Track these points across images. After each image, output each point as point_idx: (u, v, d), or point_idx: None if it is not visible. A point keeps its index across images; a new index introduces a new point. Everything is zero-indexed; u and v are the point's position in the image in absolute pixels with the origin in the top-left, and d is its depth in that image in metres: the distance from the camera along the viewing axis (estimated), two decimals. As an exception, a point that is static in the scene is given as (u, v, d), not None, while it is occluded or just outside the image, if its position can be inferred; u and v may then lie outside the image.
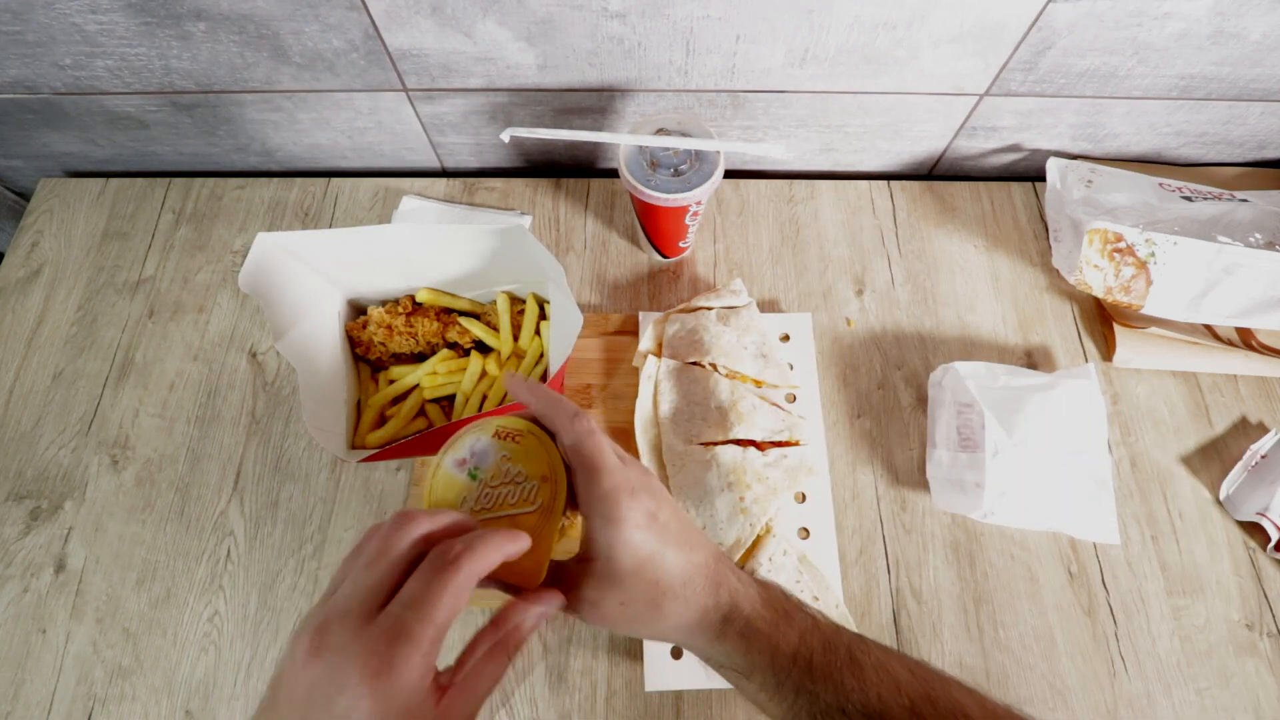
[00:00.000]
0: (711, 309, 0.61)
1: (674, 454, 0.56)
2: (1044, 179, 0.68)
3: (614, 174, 0.73)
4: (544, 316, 0.59)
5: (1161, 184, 0.65)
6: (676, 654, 0.51)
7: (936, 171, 0.75)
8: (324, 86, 0.63)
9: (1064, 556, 0.55)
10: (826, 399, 0.61)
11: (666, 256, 0.66)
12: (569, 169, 0.75)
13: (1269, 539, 0.54)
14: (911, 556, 0.56)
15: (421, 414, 0.57)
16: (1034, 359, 0.63)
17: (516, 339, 0.58)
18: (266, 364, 0.63)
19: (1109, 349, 0.62)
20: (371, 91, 0.64)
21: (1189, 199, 0.63)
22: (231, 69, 0.61)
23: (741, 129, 0.68)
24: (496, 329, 0.58)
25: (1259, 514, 0.55)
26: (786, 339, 0.63)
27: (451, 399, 0.57)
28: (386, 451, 0.48)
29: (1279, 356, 0.59)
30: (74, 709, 0.51)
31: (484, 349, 0.59)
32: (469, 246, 0.55)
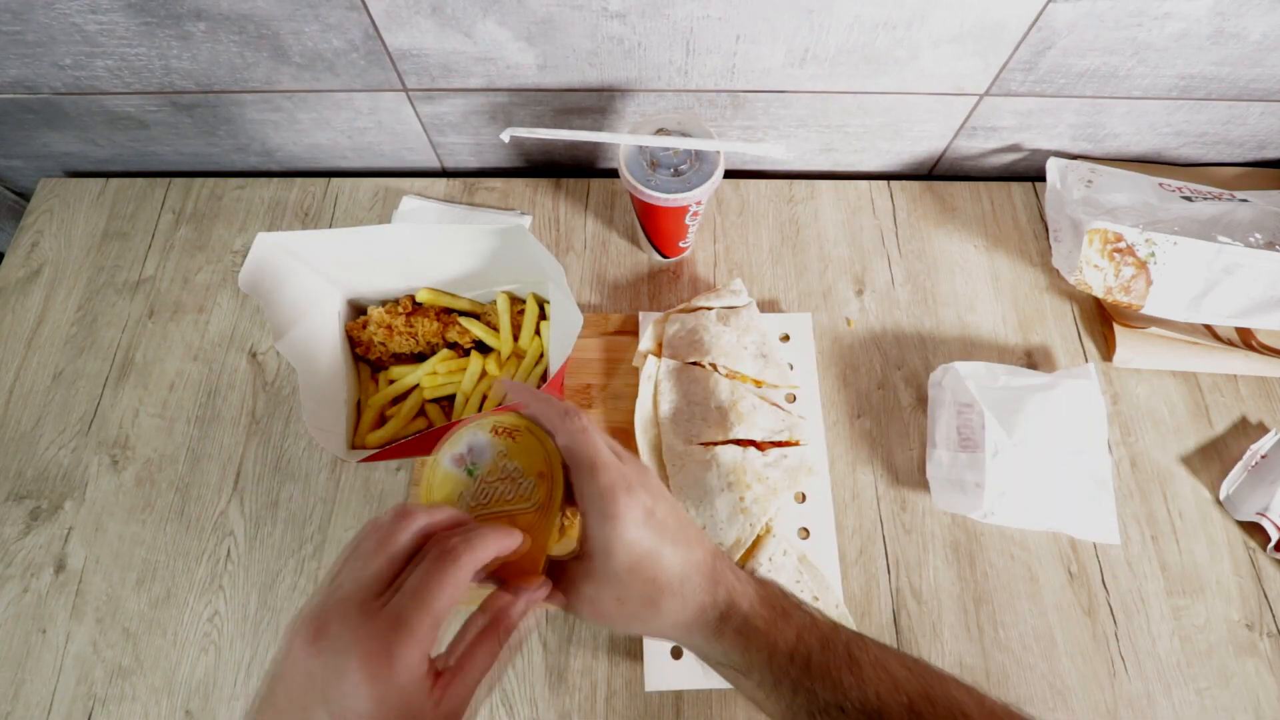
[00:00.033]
0: (711, 309, 0.61)
1: (674, 454, 0.56)
2: (1044, 179, 0.68)
3: (614, 174, 0.73)
4: (544, 316, 0.59)
5: (1161, 184, 0.65)
6: (677, 654, 0.51)
7: (936, 171, 0.75)
8: (324, 86, 0.63)
9: (1064, 556, 0.55)
10: (826, 399, 0.61)
11: (666, 256, 0.66)
12: (569, 169, 0.75)
13: (1269, 539, 0.54)
14: (911, 556, 0.56)
15: (421, 414, 0.57)
16: (1034, 359, 0.63)
17: (516, 339, 0.58)
18: (266, 364, 0.63)
19: (1109, 349, 0.62)
20: (371, 91, 0.64)
21: (1189, 199, 0.63)
22: (231, 69, 0.61)
23: (741, 129, 0.68)
24: (496, 329, 0.58)
25: (1259, 514, 0.55)
26: (786, 339, 0.63)
27: (451, 399, 0.57)
28: (386, 451, 0.48)
29: (1279, 356, 0.59)
30: (74, 709, 0.51)
31: (484, 349, 0.59)
32: (469, 246, 0.55)
